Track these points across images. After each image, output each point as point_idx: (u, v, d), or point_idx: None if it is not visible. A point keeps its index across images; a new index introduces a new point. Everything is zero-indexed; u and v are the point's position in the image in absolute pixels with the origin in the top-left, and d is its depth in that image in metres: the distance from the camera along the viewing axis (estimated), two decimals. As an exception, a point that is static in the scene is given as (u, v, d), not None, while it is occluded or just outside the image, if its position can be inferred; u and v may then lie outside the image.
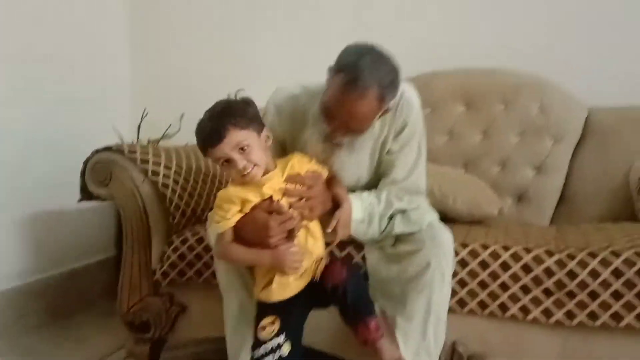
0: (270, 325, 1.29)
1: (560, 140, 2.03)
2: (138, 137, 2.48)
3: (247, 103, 1.30)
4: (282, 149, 1.48)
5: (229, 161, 1.26)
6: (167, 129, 2.49)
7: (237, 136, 1.24)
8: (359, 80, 1.25)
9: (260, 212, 1.28)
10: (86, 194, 1.76)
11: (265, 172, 1.30)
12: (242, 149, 1.25)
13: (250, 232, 1.28)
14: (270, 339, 1.28)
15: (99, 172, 1.71)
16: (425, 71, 2.21)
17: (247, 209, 1.30)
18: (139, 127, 2.49)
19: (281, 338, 1.28)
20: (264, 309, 1.32)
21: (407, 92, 1.44)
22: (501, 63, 2.15)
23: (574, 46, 2.20)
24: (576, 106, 2.06)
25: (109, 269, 2.47)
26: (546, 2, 2.23)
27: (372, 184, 1.50)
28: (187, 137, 2.35)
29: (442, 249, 1.36)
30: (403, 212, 1.43)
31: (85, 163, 1.74)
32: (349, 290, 1.26)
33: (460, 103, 2.15)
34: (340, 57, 1.32)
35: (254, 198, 1.30)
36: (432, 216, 1.47)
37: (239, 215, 1.30)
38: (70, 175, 1.83)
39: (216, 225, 1.32)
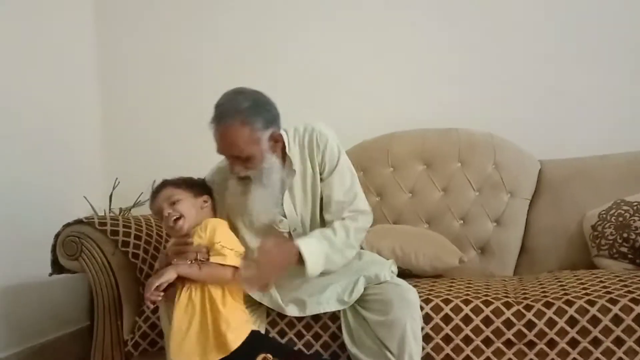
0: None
1: (515, 194, 2.14)
2: (110, 207, 2.51)
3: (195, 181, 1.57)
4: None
5: (161, 214, 1.48)
6: (138, 197, 2.53)
7: (171, 192, 1.50)
8: (220, 115, 1.47)
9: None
10: (57, 267, 1.79)
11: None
12: (172, 202, 1.48)
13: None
14: None
15: (70, 246, 1.74)
16: (385, 133, 2.33)
17: None
18: (110, 196, 2.52)
19: None
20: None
21: (318, 126, 1.62)
22: (455, 123, 2.28)
23: (523, 104, 2.35)
24: (528, 161, 2.19)
25: (82, 339, 2.44)
26: (495, 65, 2.39)
27: (322, 225, 1.60)
28: (158, 204, 2.41)
29: (410, 307, 1.43)
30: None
31: (56, 237, 1.77)
32: None
33: (420, 162, 2.26)
34: None
35: None
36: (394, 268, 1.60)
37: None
38: (41, 248, 1.85)
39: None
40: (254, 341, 1.41)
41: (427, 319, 1.51)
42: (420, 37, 2.47)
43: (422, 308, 1.51)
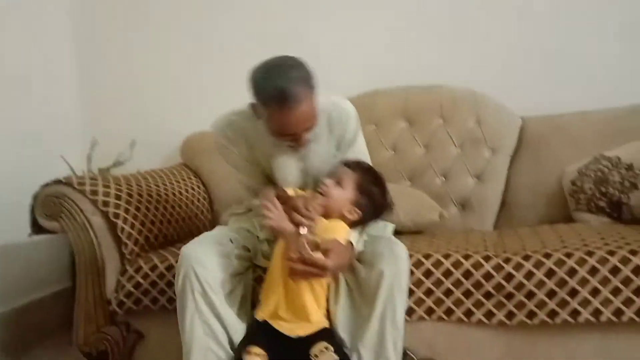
0: (255, 356, 1.35)
1: (497, 150, 2.15)
2: (88, 167, 2.47)
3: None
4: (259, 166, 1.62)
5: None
6: (118, 157, 2.50)
7: (350, 174, 1.50)
8: (288, 97, 1.37)
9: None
10: (37, 228, 1.76)
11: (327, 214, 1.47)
12: (338, 182, 1.49)
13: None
14: None
15: (49, 207, 1.72)
16: (368, 90, 2.31)
17: None
18: (88, 156, 2.48)
19: None
20: (255, 336, 1.40)
21: (341, 102, 1.63)
22: (438, 80, 2.26)
23: (505, 60, 2.34)
24: (510, 117, 2.19)
25: (64, 300, 2.43)
26: (476, 22, 2.36)
27: None
28: (138, 164, 2.38)
29: (399, 262, 1.42)
30: None
31: (35, 198, 1.74)
32: None
33: (402, 119, 2.25)
34: (255, 87, 1.43)
35: None
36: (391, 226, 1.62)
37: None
38: (20, 209, 1.82)
39: None
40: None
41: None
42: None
43: (403, 263, 1.53)
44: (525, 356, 1.53)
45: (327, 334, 1.39)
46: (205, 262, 1.42)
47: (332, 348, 1.34)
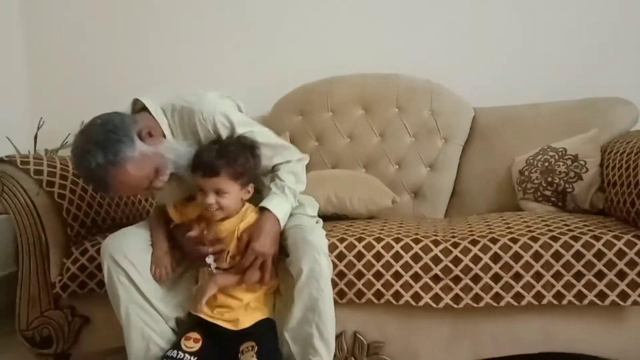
0: (193, 341, 1.39)
1: (450, 140, 2.19)
2: (35, 148, 2.39)
3: (252, 155, 1.46)
4: None
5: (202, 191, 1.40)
6: (66, 138, 2.42)
7: (224, 183, 1.40)
8: (99, 182, 1.37)
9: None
10: (-23, 208, 1.69)
11: (226, 217, 1.46)
12: (219, 193, 1.40)
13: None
14: (188, 352, 1.37)
15: (-11, 186, 1.65)
16: (325, 77, 2.31)
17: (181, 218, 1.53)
18: (35, 136, 2.40)
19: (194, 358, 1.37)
20: (192, 324, 1.44)
21: (203, 108, 1.46)
22: (394, 69, 2.28)
23: (460, 52, 2.38)
24: (463, 108, 2.23)
25: (10, 285, 2.34)
26: (433, 13, 2.40)
27: None
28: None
29: (312, 249, 1.40)
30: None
31: (-25, 176, 1.67)
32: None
33: (359, 107, 2.26)
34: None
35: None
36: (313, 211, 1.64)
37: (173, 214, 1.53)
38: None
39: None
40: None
41: (359, 256, 1.54)
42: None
43: (354, 246, 1.54)
44: (471, 337, 1.57)
45: (261, 328, 1.43)
46: (128, 251, 1.45)
47: (255, 348, 1.36)
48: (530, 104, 2.22)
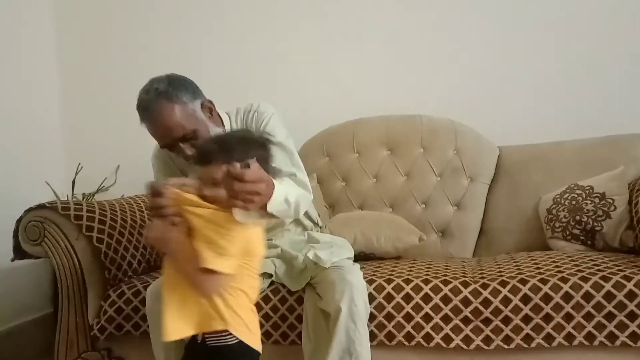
0: None
1: (475, 179, 2.21)
2: (73, 192, 2.48)
3: (256, 149, 1.27)
4: None
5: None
6: (102, 183, 2.51)
7: (215, 172, 1.19)
8: (145, 107, 1.49)
9: None
10: (20, 253, 1.77)
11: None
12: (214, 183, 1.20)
13: None
14: None
15: (32, 231, 1.72)
16: (351, 119, 2.37)
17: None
18: (73, 181, 2.49)
19: None
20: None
21: (261, 105, 1.67)
22: (417, 110, 2.33)
23: (483, 91, 2.42)
24: (488, 147, 2.26)
25: (46, 327, 2.41)
26: (456, 54, 2.45)
27: None
28: (123, 189, 2.40)
29: (351, 289, 1.41)
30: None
31: (18, 222, 1.75)
32: None
33: (384, 148, 2.31)
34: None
35: None
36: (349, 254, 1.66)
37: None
38: (2, 235, 1.82)
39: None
40: None
41: (388, 298, 1.56)
42: (386, 26, 2.50)
43: (383, 288, 1.56)
44: (503, 380, 1.56)
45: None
46: None
47: None
48: (554, 142, 2.23)
